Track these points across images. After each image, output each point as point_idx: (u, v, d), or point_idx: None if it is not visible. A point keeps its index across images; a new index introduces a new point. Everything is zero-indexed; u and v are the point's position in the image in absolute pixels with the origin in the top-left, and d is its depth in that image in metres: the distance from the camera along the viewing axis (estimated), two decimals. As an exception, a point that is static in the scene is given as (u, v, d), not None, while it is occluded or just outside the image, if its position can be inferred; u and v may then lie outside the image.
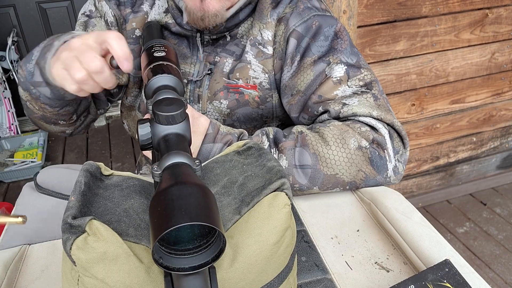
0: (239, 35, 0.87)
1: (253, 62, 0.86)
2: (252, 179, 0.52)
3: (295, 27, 0.83)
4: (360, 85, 0.81)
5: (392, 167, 0.76)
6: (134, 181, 0.54)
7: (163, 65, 0.56)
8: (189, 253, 0.37)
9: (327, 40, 0.83)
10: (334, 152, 0.73)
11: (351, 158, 0.74)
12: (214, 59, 0.88)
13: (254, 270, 0.47)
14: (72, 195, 0.47)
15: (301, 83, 0.84)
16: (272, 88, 0.88)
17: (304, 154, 0.73)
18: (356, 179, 0.75)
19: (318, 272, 0.62)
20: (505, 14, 1.93)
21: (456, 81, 2.02)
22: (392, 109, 0.81)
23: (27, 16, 3.12)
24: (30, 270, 0.65)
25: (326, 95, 0.81)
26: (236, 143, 0.60)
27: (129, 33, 0.90)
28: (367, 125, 0.77)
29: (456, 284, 0.53)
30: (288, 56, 0.84)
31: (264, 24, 0.85)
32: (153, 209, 0.35)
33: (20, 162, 2.76)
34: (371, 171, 0.75)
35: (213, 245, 0.37)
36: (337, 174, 0.74)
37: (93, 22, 0.90)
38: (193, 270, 0.36)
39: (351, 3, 1.61)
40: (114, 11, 0.90)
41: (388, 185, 0.78)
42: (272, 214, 0.48)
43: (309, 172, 0.73)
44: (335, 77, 0.81)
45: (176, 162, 0.41)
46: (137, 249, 0.45)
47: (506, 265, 1.95)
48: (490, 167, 2.38)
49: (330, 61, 0.82)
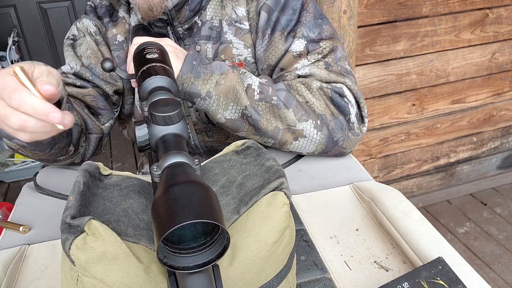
0: (208, 17, 0.89)
1: (234, 41, 0.89)
2: (250, 178, 0.52)
3: (265, 1, 0.86)
4: (318, 58, 0.86)
5: (355, 113, 0.83)
6: (133, 181, 0.54)
7: (157, 67, 0.56)
8: (193, 252, 0.37)
9: (295, 13, 0.86)
10: (303, 89, 0.82)
11: (316, 94, 0.82)
12: (195, 49, 0.90)
13: (253, 269, 0.47)
14: (71, 195, 0.47)
15: (272, 57, 0.88)
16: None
17: (279, 84, 0.82)
18: (326, 113, 0.81)
19: (317, 271, 0.62)
20: (506, 14, 1.93)
21: (457, 81, 2.01)
22: (352, 76, 0.88)
23: (28, 16, 3.12)
24: (29, 270, 0.65)
25: (286, 68, 0.87)
26: (234, 143, 0.60)
27: (112, 39, 0.93)
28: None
29: (449, 281, 0.54)
30: (260, 29, 0.87)
31: (235, 2, 0.88)
32: (156, 209, 0.35)
33: (20, 162, 2.76)
34: (334, 110, 0.82)
35: (217, 242, 0.37)
36: (308, 102, 0.81)
37: (79, 43, 0.93)
38: (198, 269, 0.37)
39: (351, 3, 1.61)
40: (95, 21, 0.94)
41: (354, 134, 0.84)
42: (271, 213, 0.48)
43: (284, 94, 0.80)
44: (295, 51, 0.86)
45: (175, 162, 0.41)
46: (136, 249, 0.45)
47: (506, 265, 1.95)
48: (490, 167, 2.38)
49: (295, 36, 0.86)
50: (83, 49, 0.92)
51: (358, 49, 1.76)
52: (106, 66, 0.60)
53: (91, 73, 0.91)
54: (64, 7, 3.17)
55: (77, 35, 0.94)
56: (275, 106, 0.79)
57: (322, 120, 0.81)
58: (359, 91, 0.85)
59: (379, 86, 1.88)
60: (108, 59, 0.60)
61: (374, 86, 1.87)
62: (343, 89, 0.83)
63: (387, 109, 1.95)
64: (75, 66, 0.91)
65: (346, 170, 0.85)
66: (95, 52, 0.92)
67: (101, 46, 0.93)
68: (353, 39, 1.69)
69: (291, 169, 0.86)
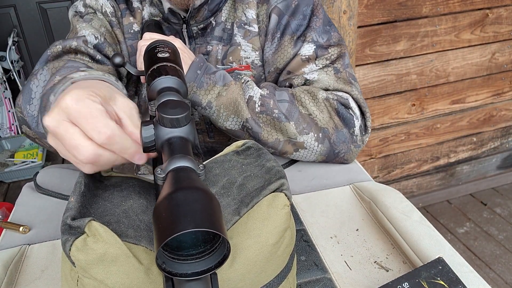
0: (223, 18, 0.89)
1: (242, 43, 0.89)
2: (251, 179, 0.52)
3: (276, 4, 0.87)
4: (326, 64, 0.86)
5: (359, 125, 0.83)
6: (133, 181, 0.54)
7: (167, 66, 0.56)
8: (192, 259, 0.37)
9: (305, 18, 0.87)
10: (307, 101, 0.80)
11: (321, 105, 0.80)
12: (206, 49, 0.90)
13: (253, 270, 0.47)
14: (72, 196, 0.47)
15: (281, 61, 0.88)
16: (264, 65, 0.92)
17: (283, 93, 0.81)
18: (328, 127, 0.80)
19: (317, 271, 0.62)
20: (506, 14, 1.93)
21: (457, 81, 2.01)
22: (357, 83, 0.88)
23: (28, 16, 3.12)
24: (30, 270, 0.65)
25: (294, 72, 0.86)
26: (235, 143, 0.60)
27: (127, 27, 0.90)
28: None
29: (449, 281, 0.54)
30: (269, 32, 0.88)
31: (246, 4, 0.89)
32: (157, 214, 0.35)
33: (20, 162, 2.76)
34: (338, 122, 0.81)
35: (217, 251, 0.37)
36: (311, 115, 0.80)
37: (88, 18, 0.86)
38: (196, 276, 0.36)
39: (351, 3, 1.61)
40: (112, 2, 0.89)
41: (356, 146, 0.84)
42: (272, 215, 0.48)
43: (286, 105, 0.79)
44: (303, 55, 0.86)
45: (180, 166, 0.40)
46: (136, 250, 0.45)
47: (506, 265, 1.95)
48: (490, 167, 2.38)
49: (305, 40, 0.87)
50: (95, 25, 0.85)
51: (358, 49, 1.76)
52: (116, 61, 0.59)
53: (111, 50, 0.84)
54: (64, 7, 3.17)
55: (84, 11, 0.87)
56: (276, 119, 0.78)
57: (324, 133, 0.80)
58: (364, 101, 0.85)
59: (379, 86, 1.88)
60: (118, 54, 0.59)
61: (374, 86, 1.87)
62: (349, 100, 0.82)
63: (387, 109, 1.96)
64: (99, 37, 0.83)
65: (346, 171, 0.85)
66: (109, 32, 0.87)
67: (115, 29, 0.88)
68: (353, 39, 1.69)
69: (292, 169, 0.86)
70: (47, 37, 3.21)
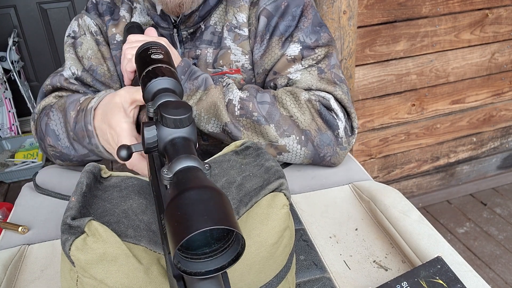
0: (212, 22, 0.89)
1: (232, 47, 0.89)
2: (250, 179, 0.52)
3: (265, 6, 0.86)
4: (312, 64, 0.85)
5: (343, 127, 0.81)
6: (133, 181, 0.54)
7: (163, 68, 0.56)
8: (205, 257, 0.37)
9: (294, 19, 0.86)
10: (288, 103, 0.79)
11: (303, 107, 0.79)
12: (195, 53, 0.90)
13: (253, 270, 0.47)
14: (73, 196, 0.47)
15: (268, 62, 0.87)
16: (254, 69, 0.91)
17: (265, 95, 0.80)
18: (310, 129, 0.79)
19: (316, 270, 0.62)
20: (505, 14, 1.93)
21: (456, 81, 2.02)
22: (344, 84, 0.86)
23: (28, 16, 3.12)
24: (29, 270, 0.65)
25: (280, 72, 0.86)
26: (234, 143, 0.60)
27: (111, 38, 0.93)
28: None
29: (448, 280, 0.54)
30: (259, 34, 0.87)
31: (237, 8, 0.88)
32: (171, 214, 0.35)
33: (20, 162, 2.76)
34: (322, 124, 0.80)
35: (230, 249, 0.37)
36: (292, 117, 0.78)
37: (79, 42, 0.93)
38: (209, 274, 0.36)
39: (351, 3, 1.61)
40: (96, 20, 0.94)
41: (342, 149, 0.82)
42: (271, 215, 0.48)
43: (267, 107, 0.78)
44: (289, 55, 0.85)
45: (187, 166, 0.40)
46: (136, 250, 0.45)
47: (506, 266, 1.95)
48: (490, 167, 2.38)
49: (292, 40, 0.86)
50: (84, 49, 0.93)
51: (358, 49, 1.76)
52: (122, 155, 0.55)
53: (92, 78, 0.91)
54: (64, 7, 3.17)
55: (78, 31, 0.94)
56: (256, 122, 0.78)
57: (306, 136, 0.79)
58: (350, 101, 0.83)
59: (379, 86, 1.88)
60: (123, 146, 0.53)
61: (374, 86, 1.87)
62: (330, 101, 0.81)
63: (387, 109, 1.96)
64: (76, 72, 0.92)
65: (346, 170, 0.85)
66: (95, 53, 0.93)
67: (101, 46, 0.93)
68: (353, 39, 1.69)
69: (291, 169, 0.87)
70: (47, 37, 3.22)
